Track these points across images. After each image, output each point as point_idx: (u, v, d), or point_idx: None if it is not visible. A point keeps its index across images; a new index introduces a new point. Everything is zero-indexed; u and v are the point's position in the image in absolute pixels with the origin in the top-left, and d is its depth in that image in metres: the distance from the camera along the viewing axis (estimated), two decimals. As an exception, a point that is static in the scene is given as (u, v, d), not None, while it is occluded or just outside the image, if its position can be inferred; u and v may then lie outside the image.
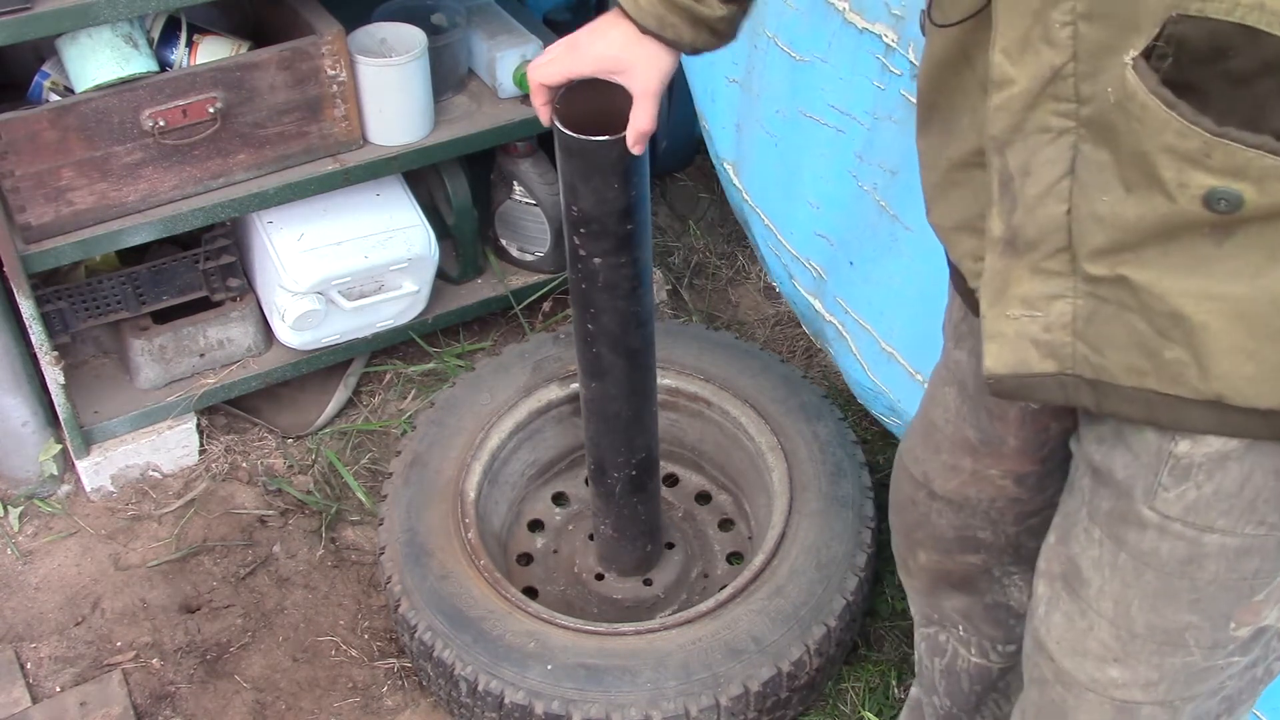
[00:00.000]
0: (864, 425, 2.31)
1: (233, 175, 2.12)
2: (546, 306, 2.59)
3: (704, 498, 2.23)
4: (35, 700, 1.98)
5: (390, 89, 2.17)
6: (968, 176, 1.06)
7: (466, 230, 2.46)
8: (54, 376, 2.12)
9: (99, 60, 1.97)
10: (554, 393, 2.14)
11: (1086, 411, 1.03)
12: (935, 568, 1.48)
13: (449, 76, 2.34)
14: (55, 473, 2.27)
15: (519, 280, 2.57)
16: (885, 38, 1.76)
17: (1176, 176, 0.84)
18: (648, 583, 2.02)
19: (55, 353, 2.10)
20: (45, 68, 2.10)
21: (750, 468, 2.10)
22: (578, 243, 1.51)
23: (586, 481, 1.96)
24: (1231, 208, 0.83)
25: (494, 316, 2.62)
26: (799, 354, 2.58)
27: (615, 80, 1.31)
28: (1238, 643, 1.09)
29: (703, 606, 1.83)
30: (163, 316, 2.26)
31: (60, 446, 2.25)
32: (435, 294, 2.45)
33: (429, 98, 2.24)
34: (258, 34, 2.21)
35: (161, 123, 1.99)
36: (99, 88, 1.96)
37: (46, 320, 2.08)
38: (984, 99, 0.98)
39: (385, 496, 2.01)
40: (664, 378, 2.11)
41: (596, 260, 1.52)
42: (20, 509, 2.25)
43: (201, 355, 2.30)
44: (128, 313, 2.21)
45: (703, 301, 2.71)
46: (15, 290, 2.00)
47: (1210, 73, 0.81)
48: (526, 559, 2.13)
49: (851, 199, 1.94)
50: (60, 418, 2.19)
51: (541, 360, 2.18)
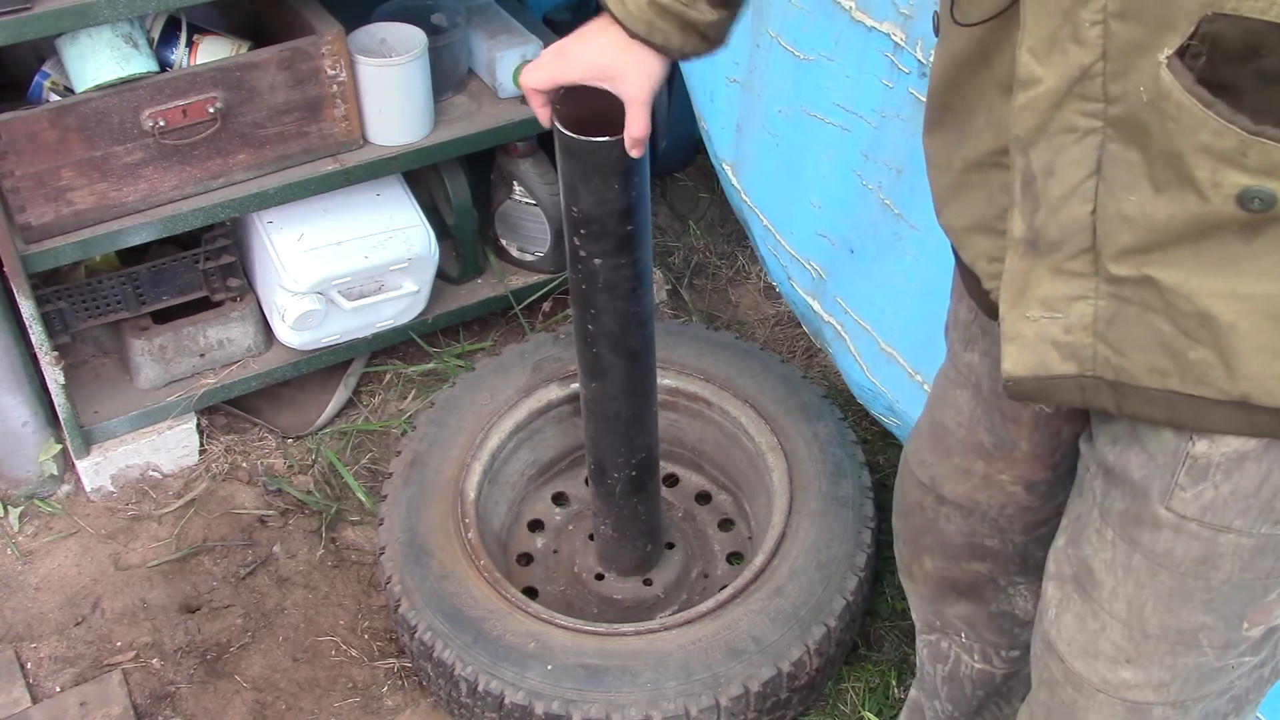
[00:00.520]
0: (864, 425, 2.31)
1: (233, 175, 2.12)
2: (546, 306, 2.59)
3: (704, 498, 2.23)
4: (35, 700, 1.98)
5: (390, 89, 2.17)
6: (983, 177, 1.05)
7: (466, 230, 2.46)
8: (54, 376, 2.12)
9: (99, 60, 1.97)
10: (554, 393, 2.14)
11: (1104, 413, 1.02)
12: (941, 575, 1.47)
13: (449, 76, 2.34)
14: (55, 473, 2.27)
15: (519, 280, 2.57)
16: (894, 36, 1.76)
17: (1211, 176, 0.83)
18: (648, 583, 2.02)
19: (55, 353, 2.10)
20: (45, 68, 2.10)
21: (750, 468, 2.10)
22: (578, 243, 1.51)
23: (586, 481, 1.96)
24: (1265, 206, 0.83)
25: (494, 316, 2.62)
26: (799, 354, 2.58)
27: (605, 88, 1.30)
28: (1250, 642, 1.09)
29: (703, 607, 1.83)
30: (163, 316, 2.26)
31: (60, 446, 2.25)
32: (435, 294, 2.45)
33: (429, 98, 2.24)
34: (258, 34, 2.21)
35: (161, 123, 1.99)
36: (99, 88, 1.96)
37: (46, 320, 2.08)
38: (1002, 99, 0.97)
39: (385, 496, 2.01)
40: (664, 378, 2.11)
41: (597, 261, 1.52)
42: (20, 509, 2.25)
43: (201, 355, 2.30)
44: (128, 313, 2.21)
45: (703, 301, 2.71)
46: (15, 290, 2.00)
47: (1244, 71, 0.80)
48: (526, 559, 2.13)
49: (855, 198, 1.94)
50: (60, 418, 2.19)
51: (541, 360, 2.18)
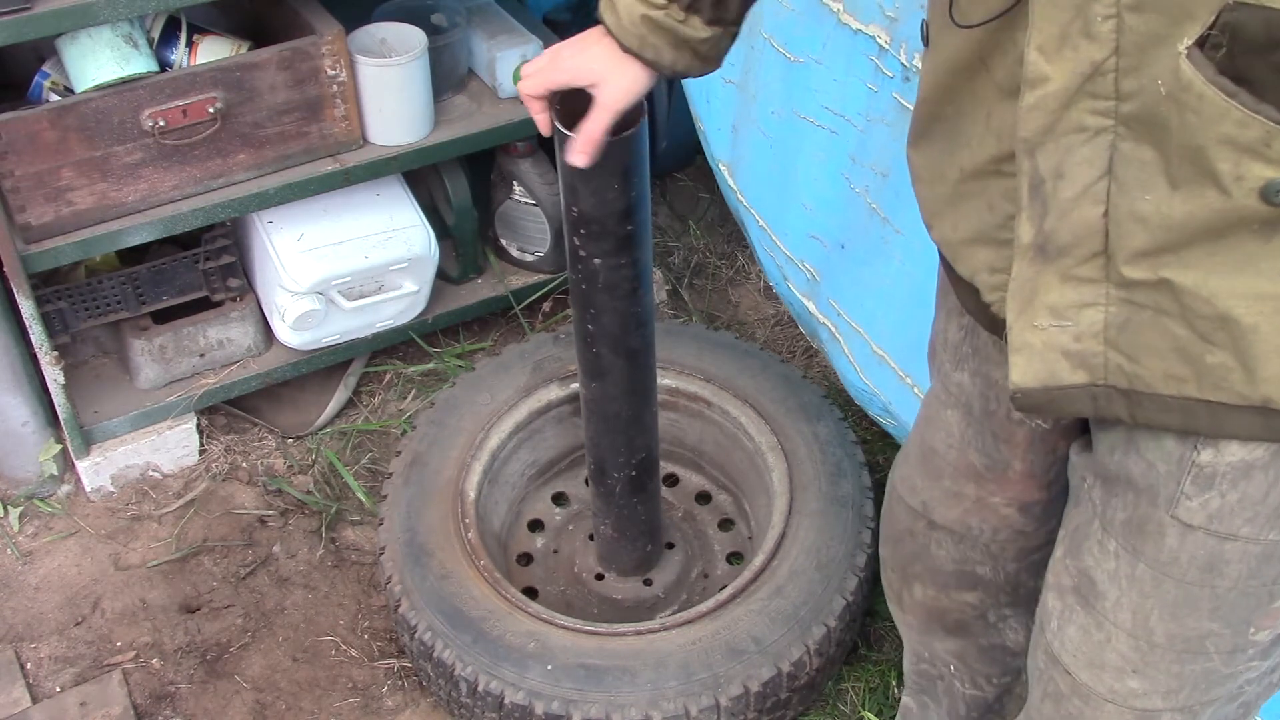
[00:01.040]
0: (864, 425, 2.31)
1: (233, 175, 2.12)
2: (546, 306, 2.59)
3: (704, 498, 2.23)
4: (35, 700, 1.98)
5: (390, 89, 2.17)
6: (982, 186, 1.03)
7: (466, 230, 2.46)
8: (54, 376, 2.12)
9: (99, 60, 1.97)
10: (554, 393, 2.14)
11: (1116, 422, 1.00)
12: (931, 604, 1.45)
13: (449, 76, 2.34)
14: (55, 473, 2.27)
15: (519, 280, 2.57)
16: (879, 39, 1.75)
17: (1233, 169, 0.82)
18: (648, 583, 2.02)
19: (55, 353, 2.10)
20: (45, 68, 2.10)
21: (750, 468, 2.10)
22: (578, 243, 1.51)
23: (586, 481, 1.96)
24: None
25: (494, 316, 2.62)
26: (799, 354, 2.58)
27: (588, 90, 1.30)
28: (1258, 647, 1.08)
29: (703, 607, 1.83)
30: (163, 316, 2.26)
31: (60, 446, 2.25)
32: (435, 294, 2.45)
33: (429, 98, 2.24)
34: (258, 34, 2.21)
35: (161, 123, 1.99)
36: (99, 88, 1.96)
37: (46, 320, 2.08)
38: (1002, 103, 0.96)
39: (385, 496, 2.01)
40: (664, 378, 2.11)
41: (597, 261, 1.52)
42: (20, 509, 2.25)
43: (201, 355, 2.30)
44: (128, 313, 2.21)
45: (703, 301, 2.71)
46: (15, 290, 2.00)
47: (1263, 63, 0.79)
48: (526, 559, 2.13)
49: (844, 201, 1.94)
50: (60, 418, 2.19)
51: (541, 360, 2.18)
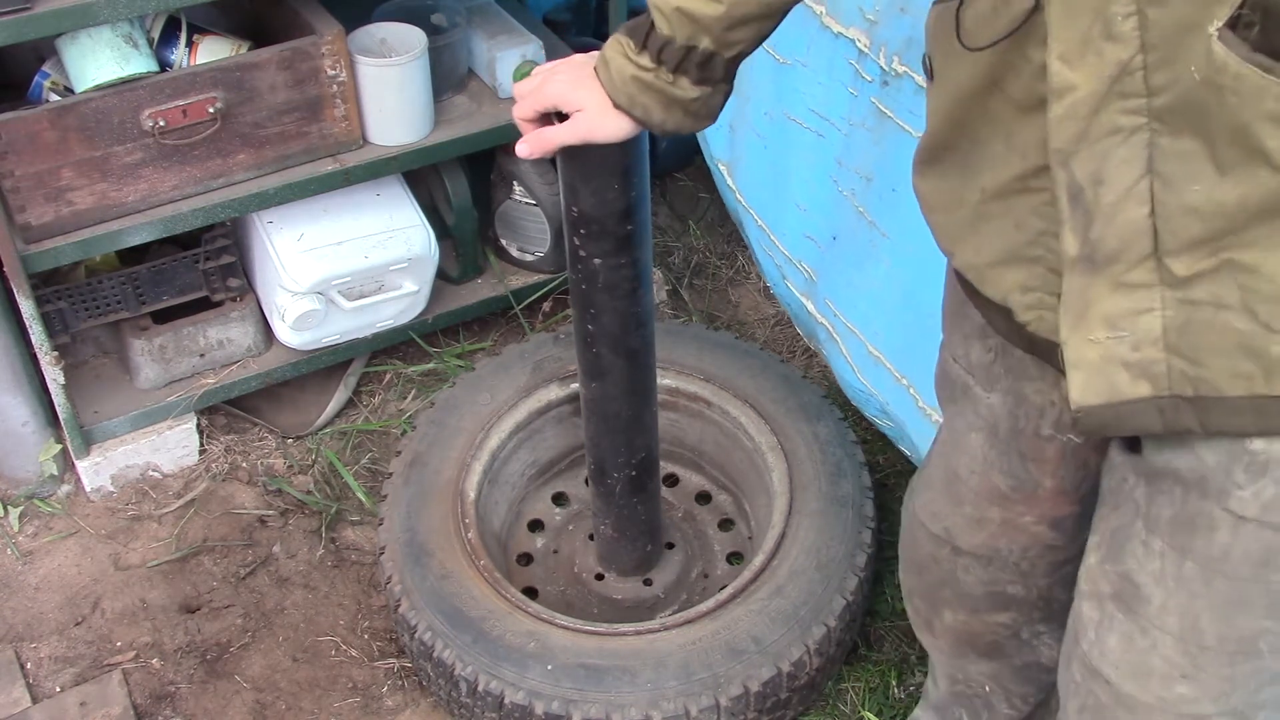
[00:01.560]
0: (864, 425, 2.31)
1: (233, 175, 2.12)
2: (546, 306, 2.59)
3: (704, 498, 2.23)
4: (35, 700, 1.98)
5: (390, 89, 2.17)
6: (1007, 206, 1.01)
7: (466, 230, 2.46)
8: (54, 376, 2.12)
9: (99, 60, 1.97)
10: (554, 393, 2.14)
11: (1188, 433, 0.95)
12: (962, 629, 1.43)
13: (449, 76, 2.34)
14: (55, 473, 2.27)
15: (519, 280, 2.57)
16: (858, 43, 1.74)
17: None
18: (648, 583, 2.02)
19: (55, 353, 2.10)
20: (45, 68, 2.10)
21: (750, 468, 2.10)
22: (578, 243, 1.51)
23: (586, 481, 1.96)
24: None
25: (494, 316, 2.62)
26: (799, 354, 2.58)
27: (569, 112, 1.30)
28: None
29: (703, 607, 1.83)
30: (163, 316, 2.26)
31: (60, 446, 2.25)
32: (435, 294, 2.45)
33: (429, 98, 2.24)
34: (258, 34, 2.21)
35: (161, 123, 1.99)
36: (99, 88, 1.96)
37: (46, 320, 2.08)
38: (1021, 121, 0.95)
39: (385, 496, 2.01)
40: (664, 378, 2.11)
41: (596, 261, 1.52)
42: (20, 509, 2.25)
43: (201, 355, 2.30)
44: (128, 313, 2.21)
45: (703, 301, 2.71)
46: (15, 290, 2.00)
47: None
48: (526, 559, 2.13)
49: (834, 203, 1.94)
50: (60, 418, 2.19)
51: (541, 360, 2.18)
